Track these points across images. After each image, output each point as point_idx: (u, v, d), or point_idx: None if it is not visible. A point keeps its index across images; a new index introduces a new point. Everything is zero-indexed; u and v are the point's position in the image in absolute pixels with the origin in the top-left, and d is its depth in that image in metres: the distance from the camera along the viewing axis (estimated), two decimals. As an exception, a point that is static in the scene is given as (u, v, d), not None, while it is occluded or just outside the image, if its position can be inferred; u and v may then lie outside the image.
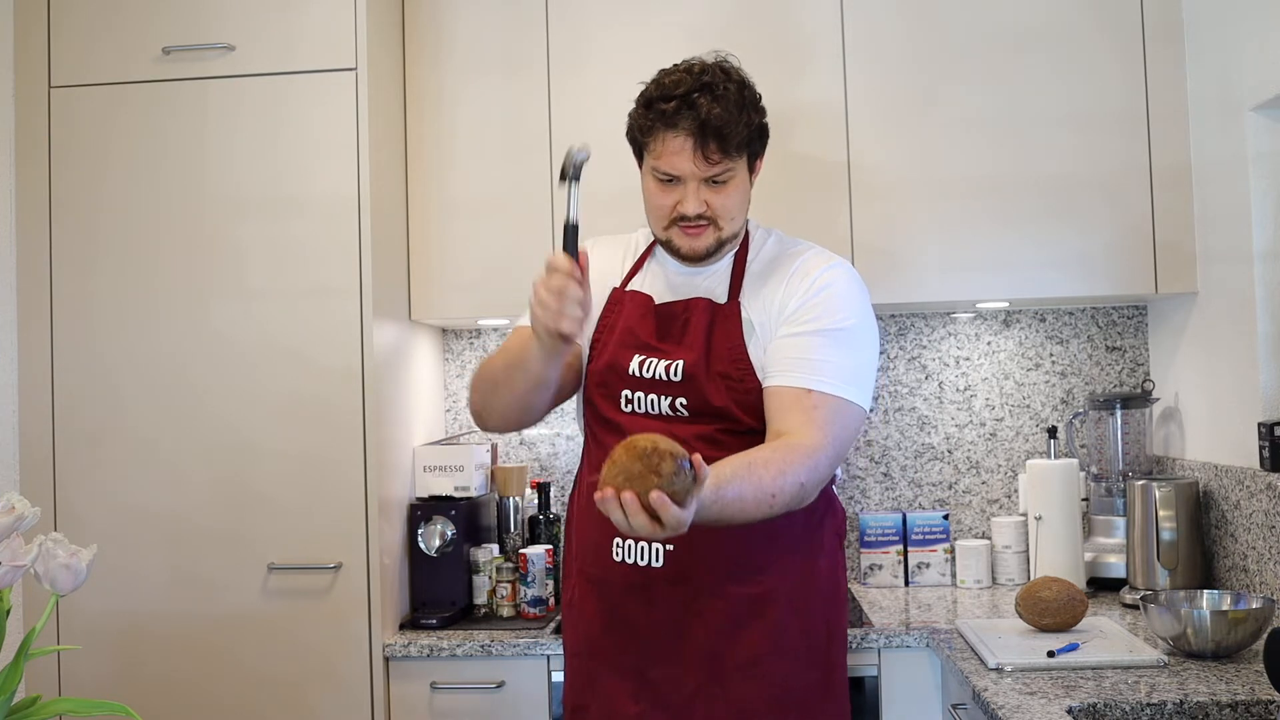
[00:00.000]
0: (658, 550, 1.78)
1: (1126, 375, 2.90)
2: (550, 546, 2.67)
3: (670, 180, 1.79)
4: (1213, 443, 2.51)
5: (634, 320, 1.87)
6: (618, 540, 1.81)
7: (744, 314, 1.82)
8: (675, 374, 1.80)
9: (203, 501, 2.44)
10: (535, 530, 2.78)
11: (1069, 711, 1.69)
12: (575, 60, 2.67)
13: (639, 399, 1.82)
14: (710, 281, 1.88)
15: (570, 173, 1.70)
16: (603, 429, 1.87)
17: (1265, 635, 1.69)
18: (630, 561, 1.80)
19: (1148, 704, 1.70)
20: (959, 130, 2.60)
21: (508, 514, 2.82)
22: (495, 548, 2.70)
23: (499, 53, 2.69)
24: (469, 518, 2.64)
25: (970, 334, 2.94)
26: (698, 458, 1.43)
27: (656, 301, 1.88)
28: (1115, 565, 2.61)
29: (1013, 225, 2.58)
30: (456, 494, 2.66)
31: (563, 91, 2.67)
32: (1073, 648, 2.00)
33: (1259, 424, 2.19)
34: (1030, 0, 2.59)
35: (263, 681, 2.41)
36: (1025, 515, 2.74)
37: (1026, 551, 2.74)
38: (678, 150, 1.75)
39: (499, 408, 1.88)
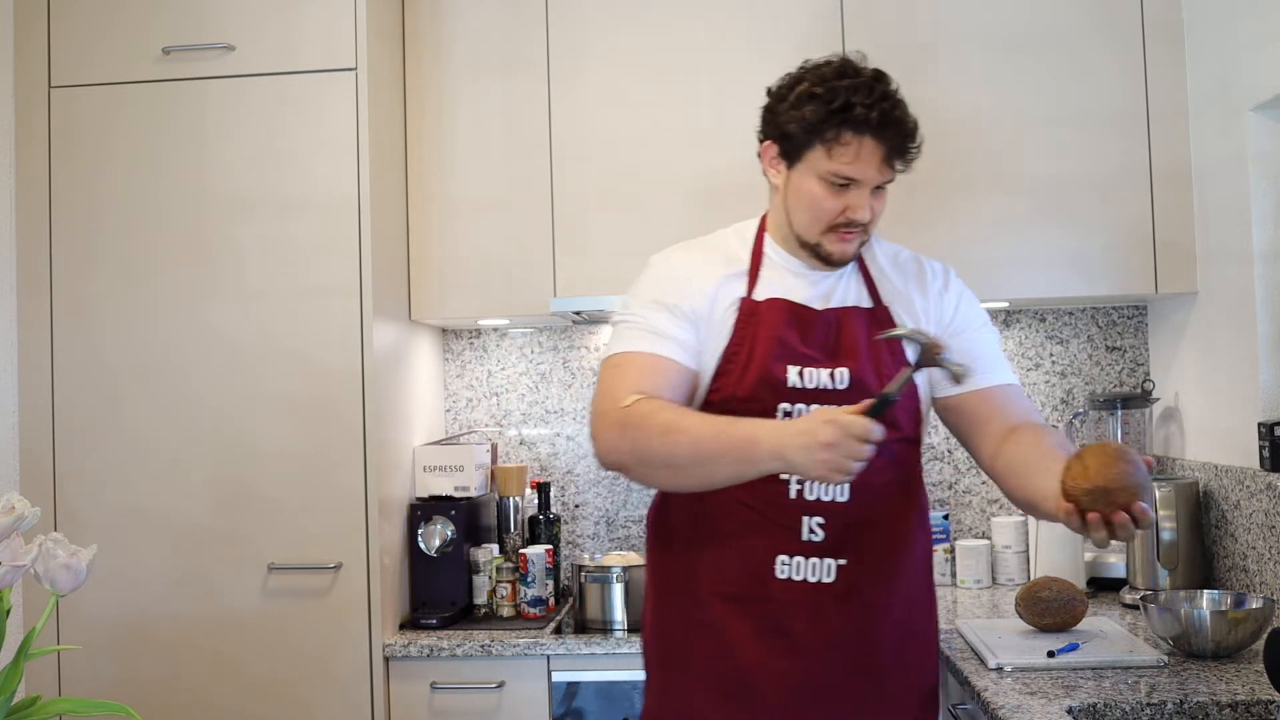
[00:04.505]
0: (830, 566, 1.74)
1: (1126, 375, 2.90)
2: (550, 546, 2.67)
3: (844, 185, 1.74)
4: (1213, 443, 2.50)
5: (781, 329, 1.78)
6: (783, 558, 1.75)
7: (895, 319, 1.81)
8: (841, 381, 1.75)
9: (203, 501, 2.44)
10: (535, 530, 2.78)
11: (1069, 711, 1.69)
12: (575, 60, 2.67)
13: (799, 411, 1.74)
14: (842, 286, 1.84)
15: (924, 361, 1.61)
16: None
17: (1265, 635, 1.68)
18: (799, 579, 1.75)
19: (1148, 704, 1.70)
20: (959, 130, 2.59)
21: (508, 514, 2.82)
22: (495, 548, 2.70)
23: (499, 53, 2.69)
24: (469, 518, 2.64)
25: (970, 334, 2.94)
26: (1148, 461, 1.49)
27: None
28: (1115, 565, 2.61)
29: (1013, 225, 2.58)
30: (456, 494, 2.66)
31: (563, 91, 2.67)
32: (1073, 648, 2.00)
33: (1259, 424, 2.19)
34: (1031, 1, 2.60)
35: (263, 681, 2.41)
36: (1025, 515, 2.74)
37: (1026, 551, 2.74)
38: (869, 156, 1.72)
39: (664, 485, 1.79)
